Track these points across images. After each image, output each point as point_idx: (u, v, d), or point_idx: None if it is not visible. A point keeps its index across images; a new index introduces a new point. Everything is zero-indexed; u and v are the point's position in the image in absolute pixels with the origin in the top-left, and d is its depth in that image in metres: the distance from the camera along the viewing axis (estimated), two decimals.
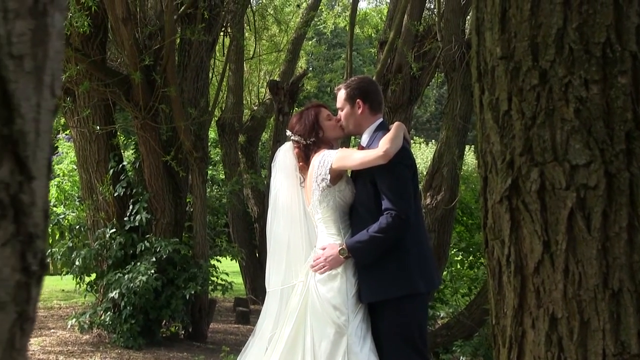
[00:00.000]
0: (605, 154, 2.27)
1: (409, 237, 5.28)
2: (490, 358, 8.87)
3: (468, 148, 18.35)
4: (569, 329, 2.35)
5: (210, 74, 12.63)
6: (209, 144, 14.47)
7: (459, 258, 13.01)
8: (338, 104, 5.68)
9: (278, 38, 20.65)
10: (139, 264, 10.56)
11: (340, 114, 5.64)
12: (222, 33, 13.05)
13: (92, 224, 11.55)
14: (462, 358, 9.35)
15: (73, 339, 11.01)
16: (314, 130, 5.59)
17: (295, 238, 5.68)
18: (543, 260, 2.39)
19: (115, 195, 11.22)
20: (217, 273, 11.84)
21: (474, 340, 9.57)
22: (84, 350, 10.26)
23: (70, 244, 11.67)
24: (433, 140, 35.52)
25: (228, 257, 14.06)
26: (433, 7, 12.12)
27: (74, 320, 10.80)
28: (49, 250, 11.64)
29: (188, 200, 11.68)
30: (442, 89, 34.72)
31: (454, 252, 12.74)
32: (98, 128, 11.13)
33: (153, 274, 10.36)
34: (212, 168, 18.30)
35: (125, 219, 11.18)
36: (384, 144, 5.16)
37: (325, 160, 5.39)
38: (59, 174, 14.30)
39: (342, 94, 5.64)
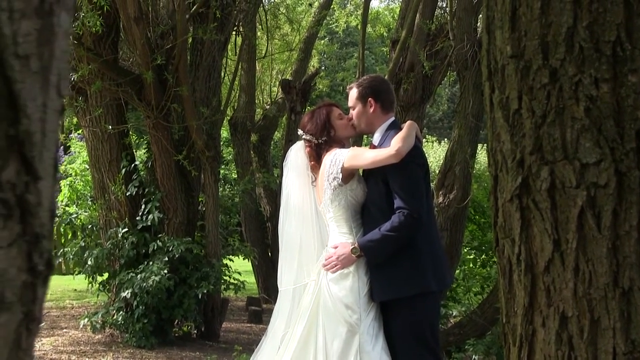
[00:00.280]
0: (616, 153, 2.26)
1: (421, 236, 5.28)
2: (503, 357, 8.85)
3: (480, 147, 18.26)
4: (579, 328, 2.34)
5: (223, 73, 12.63)
6: (221, 143, 14.52)
7: (472, 256, 13.01)
8: (350, 103, 5.68)
9: (290, 37, 20.69)
10: (152, 264, 10.58)
11: (352, 113, 5.64)
12: (234, 32, 13.06)
13: (104, 224, 11.59)
14: (474, 357, 9.33)
15: (85, 339, 11.05)
16: (326, 129, 5.59)
17: (307, 237, 5.68)
18: (553, 259, 2.38)
19: (128, 195, 11.25)
20: (229, 272, 11.82)
21: (487, 339, 9.55)
22: (97, 350, 10.28)
23: (83, 244, 11.69)
24: (445, 139, 35.48)
25: (240, 256, 14.08)
26: (445, 5, 12.13)
27: (87, 320, 10.83)
28: (62, 250, 11.70)
29: (200, 200, 11.70)
30: (454, 88, 34.74)
31: (467, 250, 12.73)
32: (110, 127, 11.17)
33: (165, 274, 10.38)
34: (224, 167, 18.31)
35: (138, 219, 11.21)
36: (396, 143, 5.16)
37: (337, 159, 5.38)
38: (72, 174, 14.35)
39: (354, 93, 5.64)
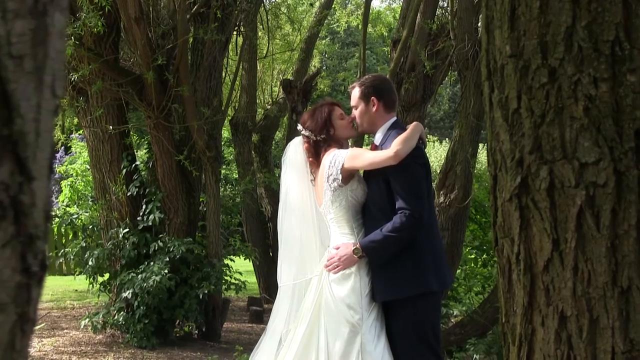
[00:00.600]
0: (614, 152, 2.27)
1: (423, 236, 5.28)
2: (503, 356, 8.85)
3: (481, 146, 18.30)
4: (578, 327, 2.35)
5: (224, 73, 12.62)
6: (222, 143, 14.49)
7: (473, 256, 13.00)
8: (352, 102, 5.68)
9: (291, 37, 20.67)
10: (153, 264, 10.57)
11: (355, 113, 5.64)
12: (235, 32, 13.06)
13: (105, 224, 11.59)
14: (475, 356, 9.32)
15: (86, 339, 11.04)
16: (325, 127, 5.58)
17: (308, 233, 5.68)
18: (552, 258, 2.39)
19: (129, 195, 11.25)
20: (230, 272, 11.80)
21: (488, 339, 9.54)
22: (97, 351, 10.29)
23: (84, 244, 11.69)
24: (447, 139, 35.52)
25: (241, 256, 14.06)
26: (446, 5, 12.11)
27: (87, 320, 10.83)
28: (63, 251, 11.71)
29: (201, 200, 11.70)
30: (455, 88, 34.78)
31: (468, 250, 12.72)
32: (111, 128, 11.17)
33: (166, 274, 10.37)
34: (225, 167, 18.29)
35: (139, 219, 11.21)
36: (396, 145, 5.15)
37: (337, 160, 5.38)
38: (72, 174, 14.36)
39: (356, 92, 5.64)
